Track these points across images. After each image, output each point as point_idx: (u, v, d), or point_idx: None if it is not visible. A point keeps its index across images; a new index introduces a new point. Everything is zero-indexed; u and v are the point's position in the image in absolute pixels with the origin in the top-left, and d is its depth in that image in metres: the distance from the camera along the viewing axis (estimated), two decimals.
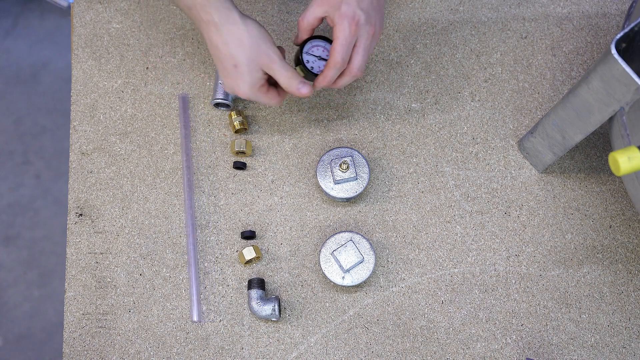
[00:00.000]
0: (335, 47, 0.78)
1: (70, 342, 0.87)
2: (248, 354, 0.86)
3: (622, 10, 0.99)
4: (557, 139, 0.83)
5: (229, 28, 0.76)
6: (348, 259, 0.85)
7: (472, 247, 0.90)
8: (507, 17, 0.99)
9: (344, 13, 0.77)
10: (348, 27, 0.77)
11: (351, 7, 0.77)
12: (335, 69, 0.79)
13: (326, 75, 0.80)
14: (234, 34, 0.77)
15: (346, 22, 0.77)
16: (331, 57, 0.79)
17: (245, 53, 0.77)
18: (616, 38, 0.64)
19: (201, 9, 0.76)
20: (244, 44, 0.77)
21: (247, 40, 0.77)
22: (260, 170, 0.93)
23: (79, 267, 0.90)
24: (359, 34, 0.78)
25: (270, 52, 0.78)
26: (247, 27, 0.77)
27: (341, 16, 0.77)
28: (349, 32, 0.77)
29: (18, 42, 1.99)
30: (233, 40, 0.77)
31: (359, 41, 0.79)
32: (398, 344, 0.87)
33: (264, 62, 0.78)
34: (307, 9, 0.80)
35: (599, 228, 0.91)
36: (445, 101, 0.96)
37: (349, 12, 0.77)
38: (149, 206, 0.92)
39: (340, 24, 0.77)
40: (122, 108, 0.96)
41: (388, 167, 0.93)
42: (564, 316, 0.88)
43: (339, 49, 0.78)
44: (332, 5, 0.78)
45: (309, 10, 0.80)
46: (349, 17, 0.77)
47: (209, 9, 0.76)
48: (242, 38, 0.77)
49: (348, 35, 0.77)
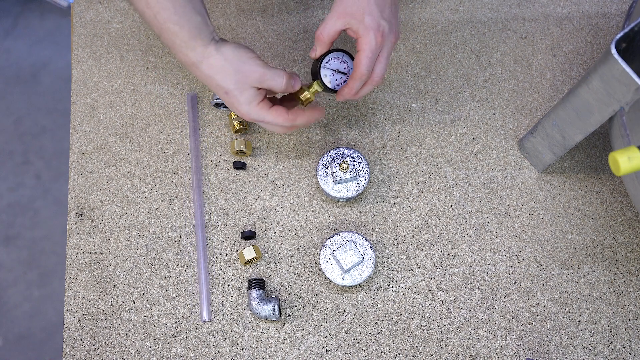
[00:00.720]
0: (361, 59, 0.77)
1: (70, 342, 0.87)
2: (248, 354, 0.86)
3: (622, 10, 0.99)
4: (557, 139, 0.83)
5: (208, 63, 0.76)
6: (348, 259, 0.85)
7: (472, 247, 0.90)
8: (507, 17, 0.99)
9: (369, 25, 0.76)
10: (374, 38, 0.76)
11: (375, 18, 0.76)
12: (360, 80, 0.79)
13: (352, 87, 0.80)
14: (214, 67, 0.76)
15: (372, 33, 0.76)
16: (357, 69, 0.78)
17: (231, 79, 0.77)
18: (616, 38, 0.64)
19: (179, 51, 0.76)
20: (227, 72, 0.76)
21: (228, 67, 0.76)
22: (260, 170, 0.93)
23: (79, 267, 0.90)
24: (384, 44, 0.78)
25: (253, 67, 0.77)
26: (223, 55, 0.76)
27: (367, 28, 0.76)
28: (375, 43, 0.76)
29: (18, 42, 1.99)
30: (215, 72, 0.77)
31: (383, 50, 0.78)
32: (398, 344, 0.87)
33: (251, 80, 0.77)
34: (326, 21, 0.78)
35: (599, 228, 0.91)
36: (445, 101, 0.96)
37: (373, 23, 0.76)
38: (149, 206, 0.92)
39: (366, 35, 0.76)
40: (122, 108, 0.96)
41: (388, 167, 0.93)
42: (564, 316, 0.88)
43: (366, 62, 0.77)
44: (355, 17, 0.76)
45: (328, 22, 0.78)
46: (374, 29, 0.76)
47: (185, 51, 0.76)
48: (223, 67, 0.76)
49: (374, 47, 0.76)
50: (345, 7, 0.77)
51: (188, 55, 0.76)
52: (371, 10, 0.76)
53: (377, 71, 0.79)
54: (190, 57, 0.76)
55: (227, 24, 0.99)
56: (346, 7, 0.77)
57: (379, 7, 0.76)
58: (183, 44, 0.75)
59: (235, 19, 0.99)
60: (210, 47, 0.76)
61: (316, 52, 0.81)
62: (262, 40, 0.98)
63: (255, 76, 0.77)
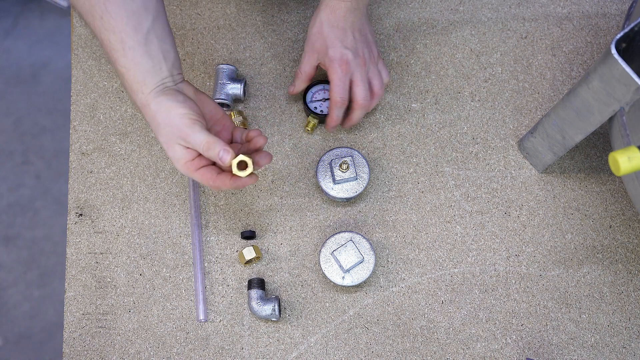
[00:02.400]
0: (332, 88, 0.85)
1: (70, 342, 0.87)
2: (248, 354, 0.86)
3: (622, 10, 0.99)
4: (557, 139, 0.83)
5: (145, 111, 0.74)
6: (348, 259, 0.85)
7: (472, 247, 0.90)
8: (507, 17, 0.99)
9: (332, 56, 0.84)
10: (339, 68, 0.84)
11: (337, 49, 0.84)
12: (337, 108, 0.86)
13: (332, 116, 0.87)
14: (149, 116, 0.74)
15: (336, 64, 0.84)
16: (330, 99, 0.86)
17: (160, 132, 0.74)
18: (616, 38, 0.64)
19: (129, 89, 0.74)
20: (157, 124, 0.73)
21: (158, 120, 0.73)
22: (260, 170, 0.93)
23: (79, 267, 0.90)
24: (352, 70, 0.84)
25: (178, 122, 0.73)
26: (158, 106, 0.73)
27: (331, 60, 0.84)
28: (341, 71, 0.84)
29: (18, 42, 1.99)
30: (150, 121, 0.74)
31: (354, 76, 0.85)
32: (398, 344, 0.87)
33: (176, 136, 0.73)
34: (302, 60, 0.88)
35: (599, 228, 0.91)
36: (445, 101, 0.96)
37: (336, 54, 0.84)
38: (149, 206, 0.92)
39: (332, 67, 0.84)
40: (122, 108, 0.96)
41: (388, 167, 0.93)
42: (564, 316, 0.88)
43: (335, 89, 0.85)
44: (321, 52, 0.85)
45: (304, 61, 0.88)
46: (337, 59, 0.84)
47: (131, 94, 0.74)
48: (155, 119, 0.73)
49: (340, 75, 0.84)
50: (312, 45, 0.86)
51: (133, 99, 0.75)
52: (332, 43, 0.84)
53: (358, 94, 0.85)
54: (134, 101, 0.75)
55: (227, 24, 0.99)
56: (314, 45, 0.86)
57: (339, 38, 0.84)
58: (128, 86, 0.74)
59: (235, 19, 0.99)
60: (151, 95, 0.73)
61: (295, 86, 0.91)
62: (262, 40, 0.98)
63: (179, 134, 0.73)
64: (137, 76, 0.72)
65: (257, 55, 0.97)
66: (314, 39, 0.86)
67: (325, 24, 0.84)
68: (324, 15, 0.84)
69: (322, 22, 0.84)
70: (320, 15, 0.85)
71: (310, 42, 0.86)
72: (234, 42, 0.98)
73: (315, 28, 0.85)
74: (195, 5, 1.00)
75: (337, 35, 0.84)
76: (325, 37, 0.84)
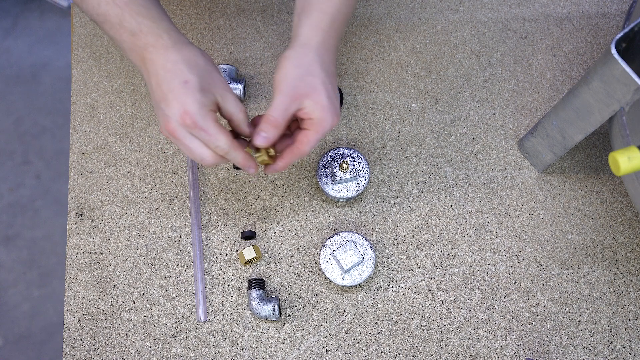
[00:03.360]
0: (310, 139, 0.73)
1: (70, 342, 0.87)
2: (248, 354, 0.86)
3: (622, 10, 0.99)
4: (557, 139, 0.83)
5: (179, 48, 0.69)
6: (348, 259, 0.85)
7: (472, 247, 0.90)
8: (507, 17, 0.99)
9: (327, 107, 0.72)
10: (331, 121, 0.72)
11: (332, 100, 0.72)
12: (299, 157, 0.75)
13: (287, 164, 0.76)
14: (185, 55, 0.69)
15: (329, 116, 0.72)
16: (302, 147, 0.74)
17: (199, 71, 0.68)
18: (616, 38, 0.64)
19: (149, 32, 0.69)
20: (198, 64, 0.69)
21: (201, 60, 0.69)
22: (260, 170, 0.93)
23: (79, 267, 0.90)
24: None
25: (224, 81, 0.71)
26: (199, 50, 0.70)
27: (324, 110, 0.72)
28: (330, 126, 0.73)
29: (18, 42, 1.99)
30: (184, 59, 0.68)
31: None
32: (398, 344, 0.87)
33: (216, 86, 0.69)
34: (277, 105, 0.71)
35: (599, 228, 0.91)
36: (445, 101, 0.96)
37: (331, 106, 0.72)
38: (149, 206, 0.92)
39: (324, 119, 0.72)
40: (122, 108, 0.96)
41: (388, 167, 0.93)
42: (564, 316, 0.88)
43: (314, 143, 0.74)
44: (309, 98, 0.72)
45: (280, 106, 0.72)
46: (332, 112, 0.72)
47: (158, 31, 0.69)
48: (195, 58, 0.69)
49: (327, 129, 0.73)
50: (297, 88, 0.71)
51: (161, 36, 0.69)
52: (327, 89, 0.71)
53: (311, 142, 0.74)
54: (164, 39, 0.69)
55: (227, 24, 0.99)
56: (296, 88, 0.71)
57: (332, 84, 0.72)
58: (154, 25, 0.69)
59: (235, 19, 0.99)
60: (183, 37, 0.70)
61: (267, 138, 0.72)
62: (262, 40, 0.98)
63: (221, 86, 0.70)
64: (151, 27, 0.69)
65: (257, 55, 0.97)
66: (303, 83, 0.71)
67: (318, 66, 0.71)
68: (317, 55, 0.72)
69: (315, 64, 0.71)
70: (311, 55, 0.72)
71: (294, 85, 0.71)
72: (234, 42, 0.98)
73: (304, 70, 0.71)
74: (195, 5, 1.00)
75: (331, 81, 0.72)
76: (320, 82, 0.71)
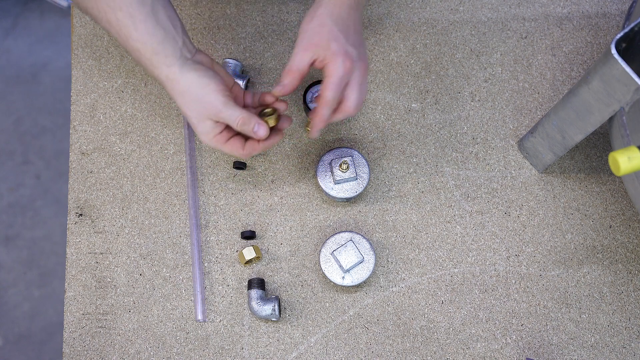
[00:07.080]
0: (327, 84, 0.75)
1: (70, 342, 0.87)
2: (248, 354, 0.86)
3: (622, 10, 0.99)
4: (557, 139, 0.83)
5: (171, 85, 0.75)
6: (348, 259, 0.85)
7: (472, 247, 0.90)
8: (507, 17, 0.99)
9: (336, 51, 0.74)
10: (342, 64, 0.74)
11: (341, 44, 0.75)
12: (328, 107, 0.76)
13: (321, 115, 0.77)
14: (176, 90, 0.75)
15: (340, 59, 0.74)
16: (323, 94, 0.76)
17: (190, 107, 0.75)
18: (616, 38, 0.64)
19: (146, 68, 0.75)
20: (187, 99, 0.75)
21: (188, 95, 0.75)
22: (260, 170, 0.93)
23: (79, 267, 0.90)
24: (353, 70, 0.76)
25: (213, 99, 0.75)
26: (187, 81, 0.74)
27: (334, 54, 0.74)
28: (343, 68, 0.75)
29: (18, 42, 1.99)
30: (177, 96, 0.75)
31: (354, 77, 0.76)
32: (398, 344, 0.87)
33: (209, 113, 0.75)
34: (294, 56, 0.76)
35: (599, 228, 0.91)
36: (445, 101, 0.96)
37: (340, 49, 0.75)
38: (149, 206, 0.92)
39: (334, 62, 0.74)
40: (122, 108, 0.96)
41: (388, 167, 0.93)
42: (564, 316, 0.88)
43: (332, 87, 0.75)
44: (320, 46, 0.75)
45: (296, 57, 0.76)
46: (342, 54, 0.74)
47: (151, 69, 0.75)
48: (184, 94, 0.75)
49: (342, 72, 0.75)
50: (309, 39, 0.75)
51: (154, 73, 0.75)
52: (336, 36, 0.75)
53: (351, 99, 0.77)
54: (156, 76, 0.76)
55: (227, 24, 0.99)
56: (311, 39, 0.75)
57: (343, 33, 0.75)
58: (147, 61, 0.74)
59: (235, 19, 0.99)
60: (174, 68, 0.74)
61: (284, 86, 0.77)
62: (262, 40, 0.98)
63: (213, 111, 0.75)
64: (154, 48, 0.73)
65: (257, 55, 0.97)
66: (313, 33, 0.76)
67: (327, 17, 0.76)
68: (326, 9, 0.76)
69: (324, 15, 0.76)
70: (321, 9, 0.76)
71: (307, 36, 0.76)
72: (234, 42, 0.98)
73: (315, 22, 0.76)
74: (195, 5, 1.00)
75: (341, 30, 0.76)
76: (328, 30, 0.75)
